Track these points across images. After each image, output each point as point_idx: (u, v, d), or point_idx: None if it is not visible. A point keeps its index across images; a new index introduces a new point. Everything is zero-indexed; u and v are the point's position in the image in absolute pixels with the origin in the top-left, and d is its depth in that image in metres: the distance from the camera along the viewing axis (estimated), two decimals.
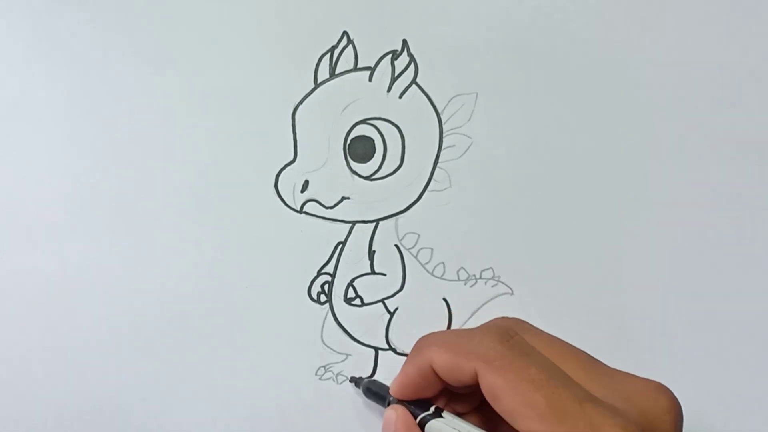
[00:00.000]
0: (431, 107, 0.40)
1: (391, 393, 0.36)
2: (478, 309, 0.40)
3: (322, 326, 0.40)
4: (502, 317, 0.35)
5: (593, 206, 0.40)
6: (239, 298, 0.39)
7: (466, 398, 0.36)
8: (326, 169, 0.39)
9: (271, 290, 0.39)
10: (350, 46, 0.39)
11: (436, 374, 0.33)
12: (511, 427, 0.30)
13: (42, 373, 0.39)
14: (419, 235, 0.40)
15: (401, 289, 0.40)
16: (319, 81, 0.39)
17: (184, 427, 0.39)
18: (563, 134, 0.40)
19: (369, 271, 0.40)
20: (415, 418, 0.34)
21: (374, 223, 0.40)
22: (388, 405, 0.36)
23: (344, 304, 0.40)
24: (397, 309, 0.40)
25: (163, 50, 0.39)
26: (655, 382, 0.31)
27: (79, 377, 0.39)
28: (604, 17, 0.40)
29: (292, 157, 0.39)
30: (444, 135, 0.40)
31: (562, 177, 0.40)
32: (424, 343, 0.35)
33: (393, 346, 0.40)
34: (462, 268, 0.40)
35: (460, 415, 0.35)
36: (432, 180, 0.40)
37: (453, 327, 0.40)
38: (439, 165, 0.40)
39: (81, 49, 0.39)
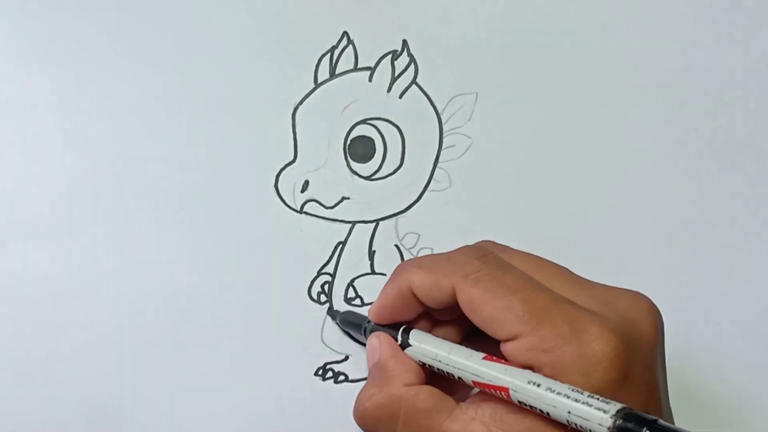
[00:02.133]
0: (431, 107, 0.40)
1: (369, 316, 0.36)
2: None
3: (322, 326, 0.40)
4: (481, 240, 0.35)
5: (593, 206, 0.40)
6: (239, 298, 0.39)
7: (445, 320, 0.36)
8: (326, 169, 0.39)
9: (271, 290, 0.39)
10: (350, 46, 0.39)
11: (415, 297, 0.33)
12: (493, 343, 0.31)
13: (41, 372, 0.39)
14: (419, 235, 0.40)
15: None
16: (319, 81, 0.40)
17: (184, 427, 0.39)
18: (563, 134, 0.40)
19: (369, 271, 0.40)
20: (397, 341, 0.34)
21: (374, 223, 0.40)
22: (365, 332, 0.36)
23: (344, 304, 0.40)
24: None
25: (163, 50, 0.39)
26: (633, 290, 0.31)
27: (79, 377, 0.39)
28: (604, 17, 0.40)
29: (292, 157, 0.39)
30: (444, 135, 0.40)
31: (562, 177, 0.40)
32: (402, 266, 0.35)
33: None
34: None
35: None
36: (432, 180, 0.40)
37: None
38: (439, 165, 0.40)
39: (80, 49, 0.39)
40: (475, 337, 0.33)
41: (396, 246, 0.40)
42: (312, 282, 0.40)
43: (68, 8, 0.39)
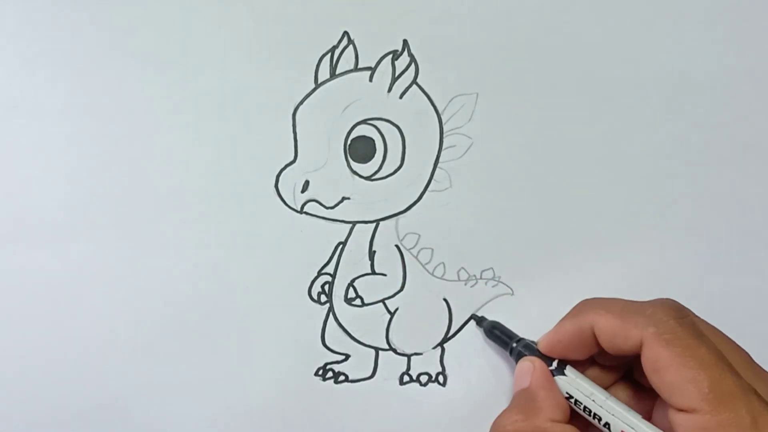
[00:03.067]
0: (432, 107, 0.40)
1: (540, 346, 0.35)
2: (479, 309, 0.40)
3: (323, 326, 0.40)
4: (667, 298, 0.34)
5: (593, 206, 0.40)
6: (239, 298, 0.39)
7: (605, 372, 0.36)
8: (327, 169, 0.39)
9: (271, 290, 0.39)
10: (351, 46, 0.39)
11: (593, 339, 0.33)
12: (643, 404, 0.31)
13: (42, 373, 0.39)
14: (419, 236, 0.40)
15: (401, 289, 0.40)
16: (319, 81, 0.39)
17: (184, 427, 0.39)
18: (563, 134, 0.40)
19: (369, 271, 0.40)
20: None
21: (374, 224, 0.40)
22: (511, 352, 0.36)
23: (344, 304, 0.40)
24: (397, 309, 0.40)
25: (164, 50, 0.39)
26: None
27: (79, 377, 0.39)
28: (604, 17, 0.40)
29: (292, 157, 0.39)
30: (444, 135, 0.40)
31: (563, 177, 0.40)
32: (588, 305, 0.34)
33: (393, 346, 0.40)
34: (462, 268, 0.40)
35: None
36: (432, 180, 0.40)
37: (453, 328, 0.40)
38: (439, 165, 0.40)
39: (81, 49, 0.39)
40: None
41: (396, 246, 0.40)
42: (312, 282, 0.40)
43: (70, 9, 0.39)
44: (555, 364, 0.34)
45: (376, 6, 0.40)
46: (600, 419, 0.32)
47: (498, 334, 0.38)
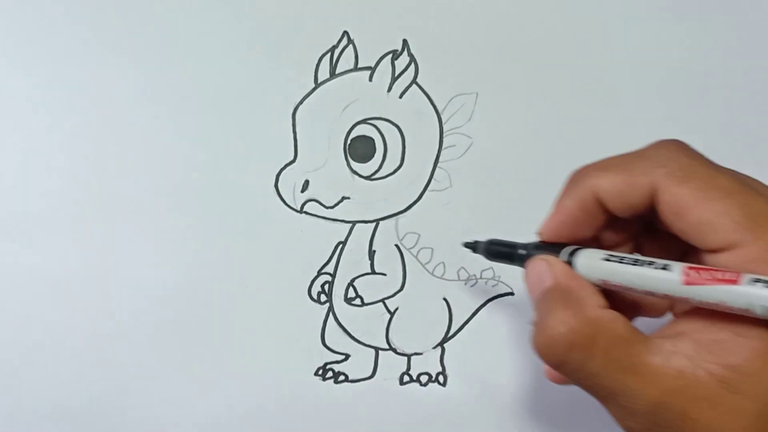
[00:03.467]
0: (431, 107, 0.40)
1: (542, 235, 0.30)
2: (479, 309, 0.40)
3: (322, 326, 0.40)
4: (667, 139, 0.29)
5: None
6: (239, 297, 0.39)
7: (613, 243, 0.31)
8: (326, 169, 0.39)
9: (271, 290, 0.39)
10: (350, 45, 0.39)
11: (599, 206, 0.29)
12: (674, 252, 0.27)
13: (41, 371, 0.39)
14: (419, 235, 0.40)
15: (401, 289, 0.40)
16: (319, 81, 0.39)
17: (184, 426, 0.39)
18: (563, 134, 0.40)
19: (369, 271, 0.40)
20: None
21: (374, 223, 0.40)
22: (520, 259, 0.31)
23: (344, 304, 0.40)
24: (397, 309, 0.40)
25: (164, 50, 0.39)
26: None
27: (78, 376, 0.39)
28: (604, 17, 0.40)
29: (292, 157, 0.39)
30: (444, 135, 0.40)
31: (563, 176, 0.40)
32: (582, 171, 0.30)
33: (393, 346, 0.40)
34: (462, 268, 0.40)
35: None
36: (432, 180, 0.40)
37: (453, 328, 0.40)
38: (439, 165, 0.40)
39: (81, 49, 0.39)
40: None
41: (396, 246, 0.40)
42: (312, 282, 0.40)
43: (68, 8, 0.39)
44: (566, 257, 0.29)
45: (376, 6, 0.40)
46: (645, 291, 0.27)
47: (499, 251, 0.33)
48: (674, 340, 0.26)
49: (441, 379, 0.40)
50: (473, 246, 0.34)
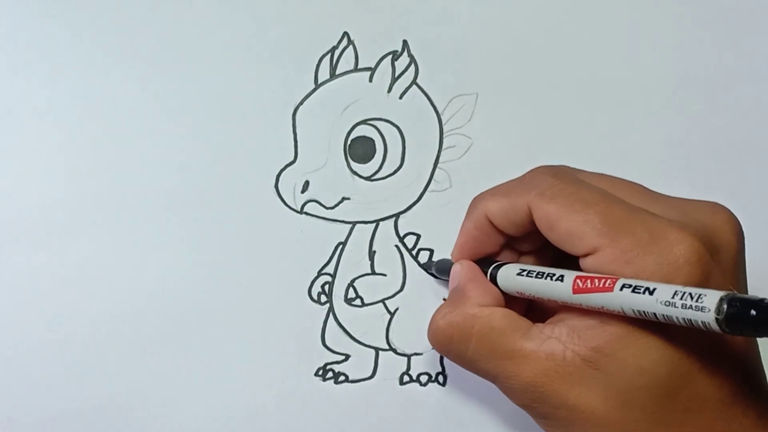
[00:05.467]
0: (431, 108, 0.40)
1: (452, 255, 0.36)
2: None
3: (323, 327, 0.40)
4: (542, 165, 0.34)
5: None
6: (239, 298, 0.39)
7: (527, 251, 0.36)
8: (327, 169, 0.39)
9: (271, 290, 0.39)
10: (351, 46, 0.39)
11: (493, 226, 0.34)
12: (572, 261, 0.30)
13: (42, 373, 0.39)
14: (419, 236, 0.40)
15: (401, 289, 0.40)
16: (319, 81, 0.39)
17: (184, 427, 0.39)
18: (563, 134, 0.40)
19: (369, 271, 0.40)
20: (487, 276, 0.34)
21: (374, 224, 0.40)
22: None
23: (344, 304, 0.40)
24: (397, 309, 0.40)
25: (164, 50, 0.39)
26: (711, 201, 0.31)
27: (79, 377, 0.39)
28: (604, 17, 0.40)
29: (292, 158, 0.39)
30: (444, 135, 0.40)
31: None
32: (477, 198, 0.35)
33: (393, 346, 0.40)
34: None
35: None
36: (432, 180, 0.40)
37: None
38: (439, 165, 0.40)
39: (81, 49, 0.39)
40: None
41: (396, 246, 0.40)
42: (312, 282, 0.40)
43: (68, 9, 0.39)
44: (489, 272, 0.34)
45: (376, 6, 0.40)
46: (543, 296, 0.31)
47: (444, 268, 0.37)
48: (553, 325, 0.30)
49: (441, 379, 0.40)
50: (427, 266, 0.39)
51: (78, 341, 0.39)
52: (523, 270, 0.32)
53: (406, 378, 0.40)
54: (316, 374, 0.39)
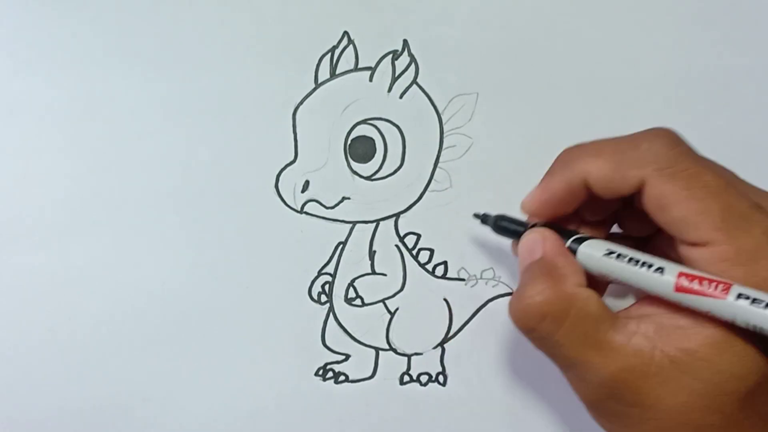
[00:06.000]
0: (432, 107, 0.40)
1: (524, 210, 0.32)
2: (479, 309, 0.40)
3: (323, 326, 0.40)
4: (659, 128, 0.30)
5: None
6: (239, 298, 0.39)
7: (596, 223, 0.33)
8: (327, 169, 0.39)
9: (271, 290, 0.39)
10: (351, 46, 0.39)
11: (586, 189, 0.30)
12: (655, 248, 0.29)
13: (42, 373, 0.39)
14: (420, 235, 0.40)
15: (402, 289, 0.40)
16: (319, 81, 0.39)
17: (185, 427, 0.39)
18: (563, 134, 0.40)
19: (369, 271, 0.40)
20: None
21: (375, 224, 0.40)
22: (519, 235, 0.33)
23: (345, 304, 0.40)
24: (397, 309, 0.40)
25: (164, 50, 0.39)
26: None
27: (79, 377, 0.39)
28: (604, 17, 0.40)
29: (292, 158, 0.39)
30: (444, 135, 0.40)
31: None
32: (575, 154, 0.31)
33: (393, 346, 0.40)
34: (462, 268, 0.40)
35: None
36: (432, 180, 0.40)
37: (453, 328, 0.40)
38: (439, 165, 0.40)
39: (81, 49, 0.39)
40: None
41: (396, 246, 0.40)
42: (312, 282, 0.40)
43: (69, 10, 0.39)
44: (569, 243, 0.31)
45: (376, 6, 0.40)
46: (637, 284, 0.29)
47: (506, 227, 0.34)
48: (638, 320, 0.28)
49: (441, 379, 0.40)
50: (483, 218, 0.36)
51: (78, 341, 0.39)
52: (612, 252, 0.30)
53: (406, 378, 0.40)
54: (316, 374, 0.39)
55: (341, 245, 0.40)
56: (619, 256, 0.29)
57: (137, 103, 0.39)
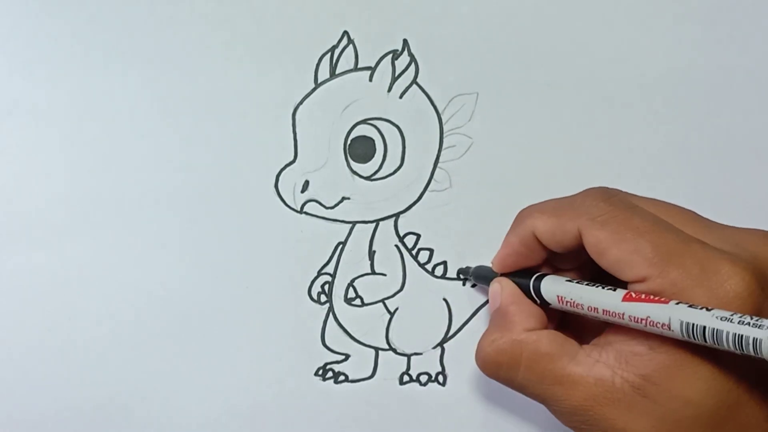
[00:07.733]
0: (432, 107, 0.40)
1: (493, 266, 0.36)
2: (479, 309, 0.40)
3: (322, 326, 0.40)
4: (594, 186, 0.34)
5: None
6: (239, 298, 0.39)
7: (566, 268, 0.36)
8: (326, 169, 0.39)
9: (271, 290, 0.39)
10: (351, 45, 0.39)
11: (538, 242, 0.34)
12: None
13: (42, 373, 0.39)
14: (419, 235, 0.40)
15: (401, 289, 0.40)
16: (319, 81, 0.39)
17: (184, 426, 0.39)
18: (563, 134, 0.40)
19: (369, 271, 0.40)
20: (528, 287, 0.34)
21: (374, 224, 0.40)
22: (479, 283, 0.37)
23: (344, 304, 0.40)
24: (397, 309, 0.40)
25: (163, 50, 0.39)
26: (763, 230, 0.31)
27: (79, 377, 0.39)
28: (604, 17, 0.40)
29: (292, 157, 0.39)
30: (444, 135, 0.40)
31: (562, 177, 0.40)
32: (525, 213, 0.35)
33: (393, 346, 0.40)
34: (462, 268, 0.40)
35: None
36: (432, 180, 0.40)
37: (453, 328, 0.40)
38: (439, 165, 0.40)
39: (81, 49, 0.39)
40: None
41: (396, 246, 0.40)
42: (312, 282, 0.40)
43: (68, 9, 0.39)
44: (532, 284, 0.34)
45: (376, 6, 0.40)
46: (590, 310, 0.31)
47: (483, 275, 0.38)
48: (601, 349, 0.30)
49: (441, 379, 0.40)
50: (464, 272, 0.39)
51: (78, 341, 0.39)
52: (570, 280, 0.33)
53: (406, 378, 0.40)
54: (316, 374, 0.40)
55: (341, 245, 0.40)
56: (577, 282, 0.32)
57: (136, 102, 0.39)
